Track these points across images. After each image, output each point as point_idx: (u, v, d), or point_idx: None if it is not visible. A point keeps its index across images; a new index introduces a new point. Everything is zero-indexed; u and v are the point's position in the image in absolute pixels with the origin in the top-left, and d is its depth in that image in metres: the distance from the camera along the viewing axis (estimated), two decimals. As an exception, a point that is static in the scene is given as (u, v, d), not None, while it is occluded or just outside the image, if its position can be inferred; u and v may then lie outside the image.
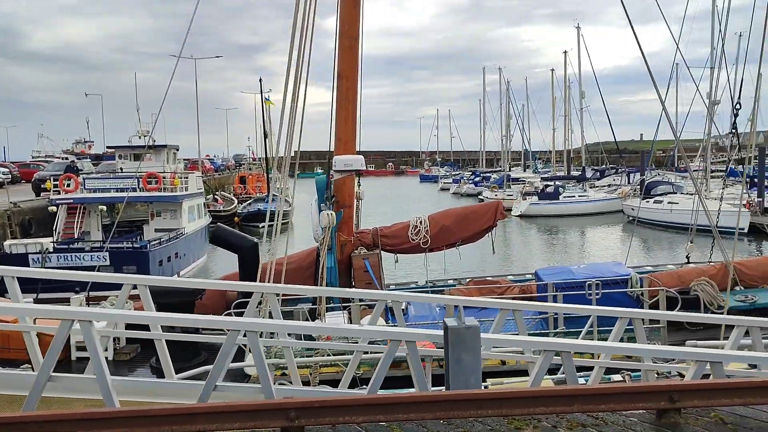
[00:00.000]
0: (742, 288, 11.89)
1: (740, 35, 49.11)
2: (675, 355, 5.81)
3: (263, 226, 11.24)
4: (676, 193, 43.40)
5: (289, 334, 7.06)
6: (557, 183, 50.89)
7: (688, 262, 13.79)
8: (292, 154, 9.68)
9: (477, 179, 71.33)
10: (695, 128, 45.46)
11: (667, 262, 15.90)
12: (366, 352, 6.77)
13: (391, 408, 3.87)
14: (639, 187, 47.44)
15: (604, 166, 68.09)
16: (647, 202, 42.84)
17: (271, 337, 6.19)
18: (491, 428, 3.94)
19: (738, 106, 12.93)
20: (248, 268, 11.42)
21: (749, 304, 11.08)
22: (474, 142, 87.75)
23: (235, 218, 42.39)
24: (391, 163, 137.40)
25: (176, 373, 6.71)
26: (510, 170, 70.29)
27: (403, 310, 12.07)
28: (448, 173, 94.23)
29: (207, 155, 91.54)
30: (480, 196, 59.84)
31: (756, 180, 41.95)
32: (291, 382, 7.84)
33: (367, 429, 3.97)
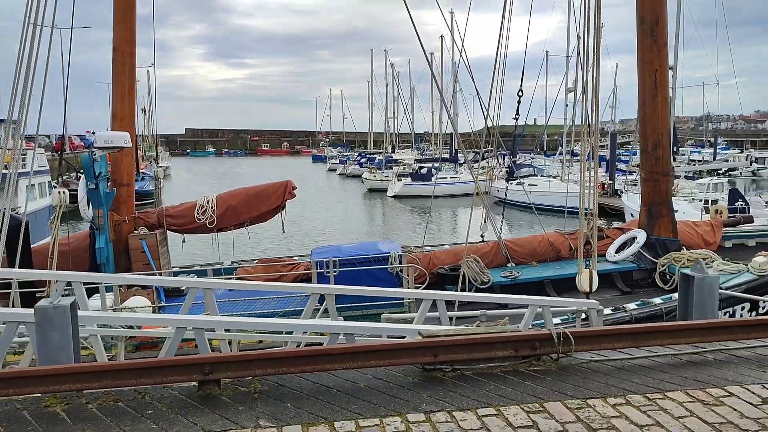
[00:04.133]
0: (513, 264, 12.66)
1: (603, 25, 52.01)
2: (319, 329, 6.03)
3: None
4: (536, 175, 45.62)
5: None
6: (433, 165, 52.09)
7: (483, 241, 14.49)
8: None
9: (363, 160, 71.78)
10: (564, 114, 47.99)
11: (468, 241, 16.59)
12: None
13: None
14: (508, 169, 49.64)
15: (484, 149, 70.22)
16: (512, 183, 44.87)
17: None
18: (19, 408, 3.90)
19: (520, 93, 13.64)
20: (13, 250, 10.90)
21: (511, 279, 11.79)
22: (367, 124, 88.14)
23: None
24: (286, 143, 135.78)
25: None
26: (396, 152, 71.24)
27: (184, 290, 12.03)
28: (339, 154, 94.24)
29: (88, 131, 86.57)
30: (362, 177, 60.35)
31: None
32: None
33: None
